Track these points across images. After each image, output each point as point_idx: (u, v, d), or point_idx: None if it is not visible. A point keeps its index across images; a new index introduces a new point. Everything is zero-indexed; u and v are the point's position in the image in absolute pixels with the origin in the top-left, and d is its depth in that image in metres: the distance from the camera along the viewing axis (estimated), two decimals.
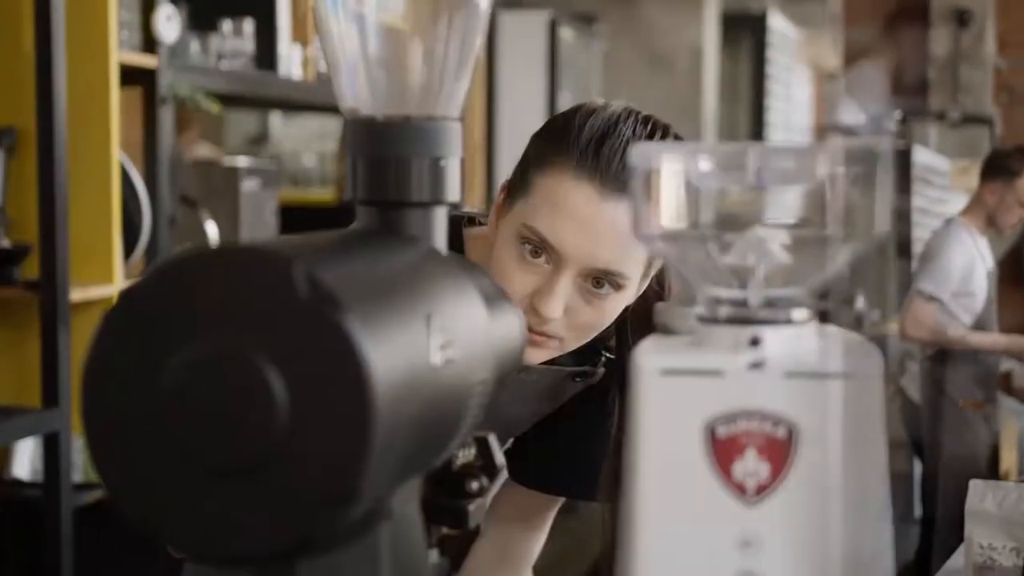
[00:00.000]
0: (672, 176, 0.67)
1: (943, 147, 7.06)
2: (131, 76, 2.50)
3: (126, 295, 0.60)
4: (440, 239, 0.76)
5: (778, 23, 7.24)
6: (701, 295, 0.68)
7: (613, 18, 5.43)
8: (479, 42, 0.78)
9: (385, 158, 0.74)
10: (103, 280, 2.38)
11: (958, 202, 8.07)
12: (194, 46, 2.78)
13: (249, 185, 2.92)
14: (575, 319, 1.27)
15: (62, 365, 2.21)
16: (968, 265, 4.09)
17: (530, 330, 1.26)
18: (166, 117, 2.55)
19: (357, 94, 0.76)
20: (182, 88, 2.56)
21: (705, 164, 0.67)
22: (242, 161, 3.06)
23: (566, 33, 4.76)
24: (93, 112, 2.35)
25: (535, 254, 1.25)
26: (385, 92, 0.75)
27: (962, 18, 8.33)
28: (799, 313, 0.67)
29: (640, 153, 0.67)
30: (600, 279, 1.25)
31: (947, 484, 3.87)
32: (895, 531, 0.67)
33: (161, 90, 2.52)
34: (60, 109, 2.22)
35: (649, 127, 1.28)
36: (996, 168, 4.19)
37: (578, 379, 1.44)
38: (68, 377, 2.23)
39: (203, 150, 4.19)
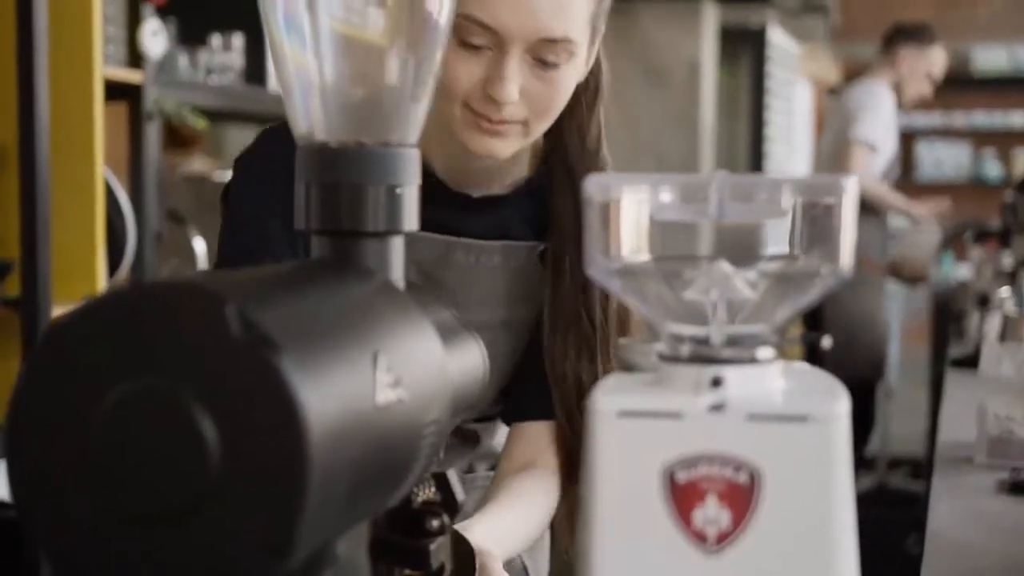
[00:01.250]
0: (631, 207, 0.64)
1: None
2: (117, 91, 2.48)
3: (53, 331, 0.57)
4: (397, 270, 0.73)
5: (778, 37, 7.22)
6: (662, 332, 0.65)
7: (610, 32, 5.38)
8: (437, 63, 0.75)
9: (338, 185, 0.71)
10: (86, 297, 2.35)
11: (803, 87, 8.10)
12: (182, 60, 2.76)
13: None
14: (532, 99, 1.22)
15: None
16: (890, 119, 4.20)
17: (490, 120, 1.21)
18: (152, 133, 2.53)
19: (310, 118, 0.73)
20: (168, 103, 2.54)
21: (666, 196, 0.64)
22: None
23: None
24: (77, 127, 2.32)
25: (475, 45, 1.19)
26: (339, 117, 0.73)
27: None
28: (764, 352, 0.64)
29: (597, 184, 0.64)
30: (548, 52, 1.20)
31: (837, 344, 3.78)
32: None
33: (147, 106, 2.50)
34: (43, 124, 2.19)
35: None
36: (911, 35, 4.31)
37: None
38: None
39: (198, 164, 4.16)
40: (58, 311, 2.26)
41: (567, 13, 1.20)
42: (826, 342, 0.65)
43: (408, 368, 0.65)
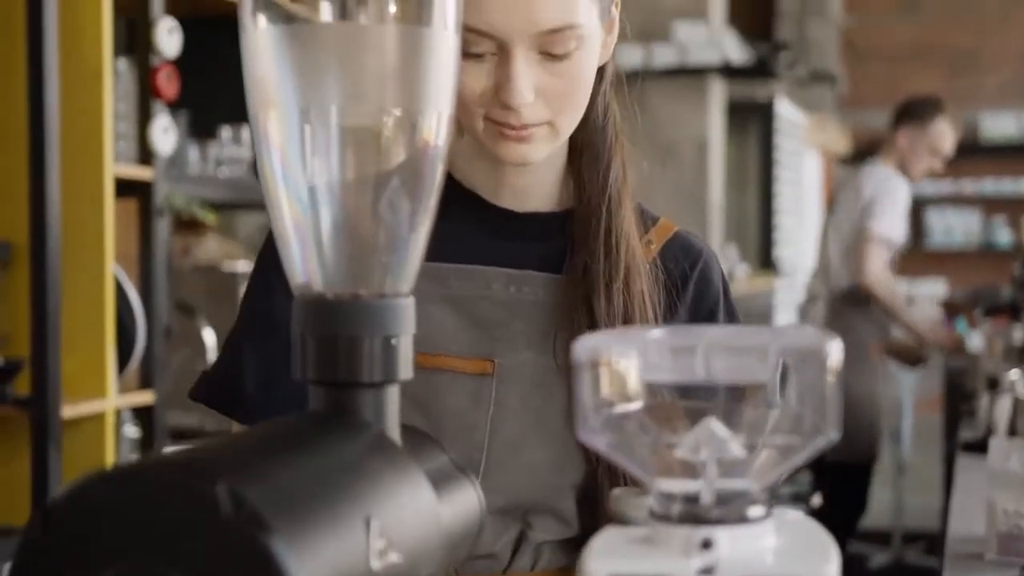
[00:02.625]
0: (620, 368, 0.65)
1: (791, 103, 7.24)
2: (127, 187, 2.51)
3: (47, 511, 0.58)
4: (392, 420, 0.74)
5: (785, 109, 7.26)
6: (652, 489, 0.66)
7: (618, 109, 5.43)
8: (436, 189, 0.76)
9: (335, 337, 0.72)
10: (96, 395, 2.36)
11: (812, 158, 8.13)
12: (193, 153, 2.79)
13: None
14: (551, 95, 1.13)
15: (53, 484, 2.19)
16: (906, 209, 4.21)
17: (512, 127, 1.14)
18: (162, 228, 2.55)
19: (308, 270, 0.74)
20: (178, 199, 2.56)
21: (655, 356, 0.65)
22: (242, 266, 3.06)
23: None
24: (88, 225, 2.35)
25: (477, 53, 1.11)
26: (336, 269, 0.74)
27: None
28: (755, 510, 0.64)
29: (585, 347, 0.65)
30: (554, 43, 1.12)
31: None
32: None
33: (157, 201, 2.52)
34: (54, 223, 2.22)
35: None
36: (910, 113, 4.34)
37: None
38: None
39: (212, 244, 4.18)
40: (68, 410, 2.26)
41: None
42: (816, 500, 0.66)
43: (401, 529, 0.65)
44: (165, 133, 2.53)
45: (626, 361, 0.65)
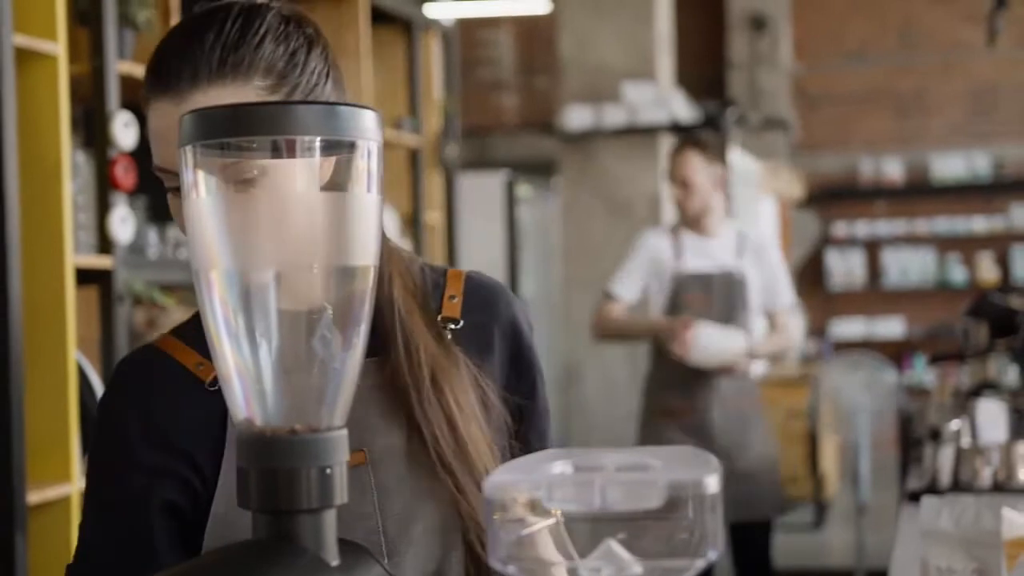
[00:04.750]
0: (527, 502, 0.73)
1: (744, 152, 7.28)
2: (88, 275, 2.58)
3: None
4: (330, 541, 0.81)
5: (738, 159, 7.38)
6: None
7: (571, 168, 5.57)
8: (360, 353, 0.84)
9: (274, 470, 0.80)
10: (61, 480, 2.41)
11: (768, 203, 8.21)
12: (152, 237, 2.87)
13: None
14: None
15: (19, 571, 2.24)
16: (650, 266, 4.08)
17: None
18: (122, 314, 2.62)
19: (249, 408, 0.82)
20: (137, 284, 2.64)
21: (557, 489, 0.73)
22: None
23: (524, 190, 4.88)
24: (49, 315, 2.41)
25: (174, 188, 1.18)
26: (275, 407, 0.82)
27: (758, 23, 8.55)
28: None
29: (493, 484, 0.73)
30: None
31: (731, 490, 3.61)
32: None
33: (117, 289, 2.59)
34: (16, 313, 2.28)
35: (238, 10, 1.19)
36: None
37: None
38: None
39: (177, 317, 4.23)
40: (33, 496, 2.32)
41: None
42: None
43: None
44: (123, 222, 2.60)
45: (531, 495, 0.73)
